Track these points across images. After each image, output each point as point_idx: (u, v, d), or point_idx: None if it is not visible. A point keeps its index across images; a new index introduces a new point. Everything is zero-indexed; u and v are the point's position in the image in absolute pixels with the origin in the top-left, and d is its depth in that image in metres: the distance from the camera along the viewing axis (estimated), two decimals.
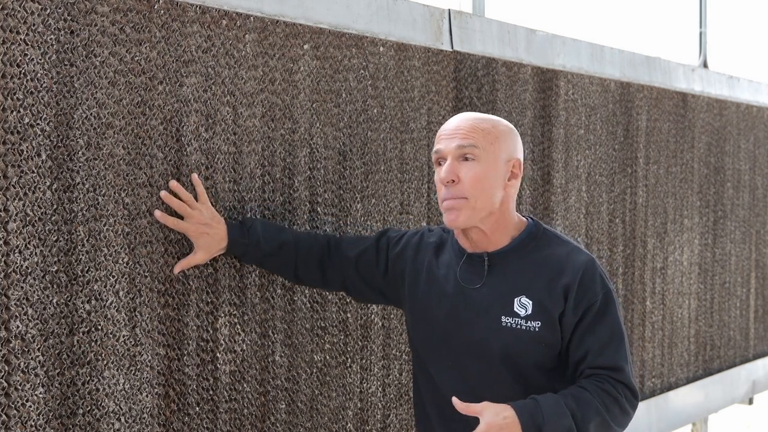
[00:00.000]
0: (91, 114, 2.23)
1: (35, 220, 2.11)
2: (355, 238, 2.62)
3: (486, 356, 2.25)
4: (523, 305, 2.22)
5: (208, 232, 2.38)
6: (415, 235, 2.48)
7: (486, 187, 2.23)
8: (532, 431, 2.09)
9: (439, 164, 2.28)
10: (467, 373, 2.28)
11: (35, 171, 2.11)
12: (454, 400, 2.12)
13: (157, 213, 2.33)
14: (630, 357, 2.24)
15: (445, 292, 2.32)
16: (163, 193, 2.34)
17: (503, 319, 2.22)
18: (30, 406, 2.11)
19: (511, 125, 2.33)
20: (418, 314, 2.38)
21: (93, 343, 2.24)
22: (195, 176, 2.41)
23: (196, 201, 2.39)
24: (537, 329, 2.20)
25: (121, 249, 2.29)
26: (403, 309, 2.52)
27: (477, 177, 2.22)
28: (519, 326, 2.21)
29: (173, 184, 2.36)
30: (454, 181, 2.23)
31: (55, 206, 2.15)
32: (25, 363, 2.09)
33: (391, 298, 2.54)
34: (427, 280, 2.37)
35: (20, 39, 2.08)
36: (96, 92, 2.23)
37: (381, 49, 3.02)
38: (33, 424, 2.11)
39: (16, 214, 2.08)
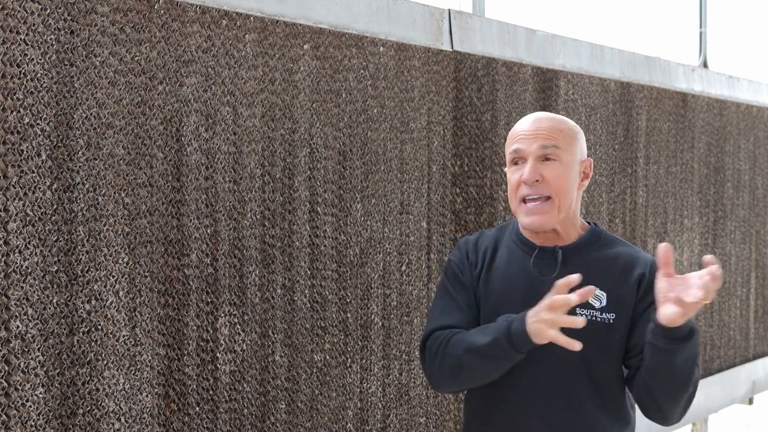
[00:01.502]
0: (91, 114, 2.23)
1: (35, 220, 2.11)
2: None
3: (557, 346, 2.21)
4: (597, 297, 2.28)
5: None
6: (467, 244, 2.46)
7: (567, 187, 2.30)
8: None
9: (515, 164, 2.33)
10: (539, 362, 2.27)
11: (35, 171, 2.11)
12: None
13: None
14: None
15: (516, 285, 2.34)
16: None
17: (577, 310, 2.24)
18: (30, 406, 2.11)
19: (578, 126, 2.40)
20: (491, 309, 2.36)
21: (93, 343, 2.24)
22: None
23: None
24: (611, 321, 2.26)
25: (121, 249, 2.29)
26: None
27: (559, 176, 2.29)
28: (593, 317, 2.25)
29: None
30: (538, 180, 2.28)
31: (55, 206, 2.15)
32: (25, 363, 2.09)
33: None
34: (497, 276, 2.37)
35: (20, 39, 2.08)
36: (96, 92, 2.23)
37: (381, 49, 3.02)
38: (33, 424, 2.11)
39: (16, 214, 2.08)
